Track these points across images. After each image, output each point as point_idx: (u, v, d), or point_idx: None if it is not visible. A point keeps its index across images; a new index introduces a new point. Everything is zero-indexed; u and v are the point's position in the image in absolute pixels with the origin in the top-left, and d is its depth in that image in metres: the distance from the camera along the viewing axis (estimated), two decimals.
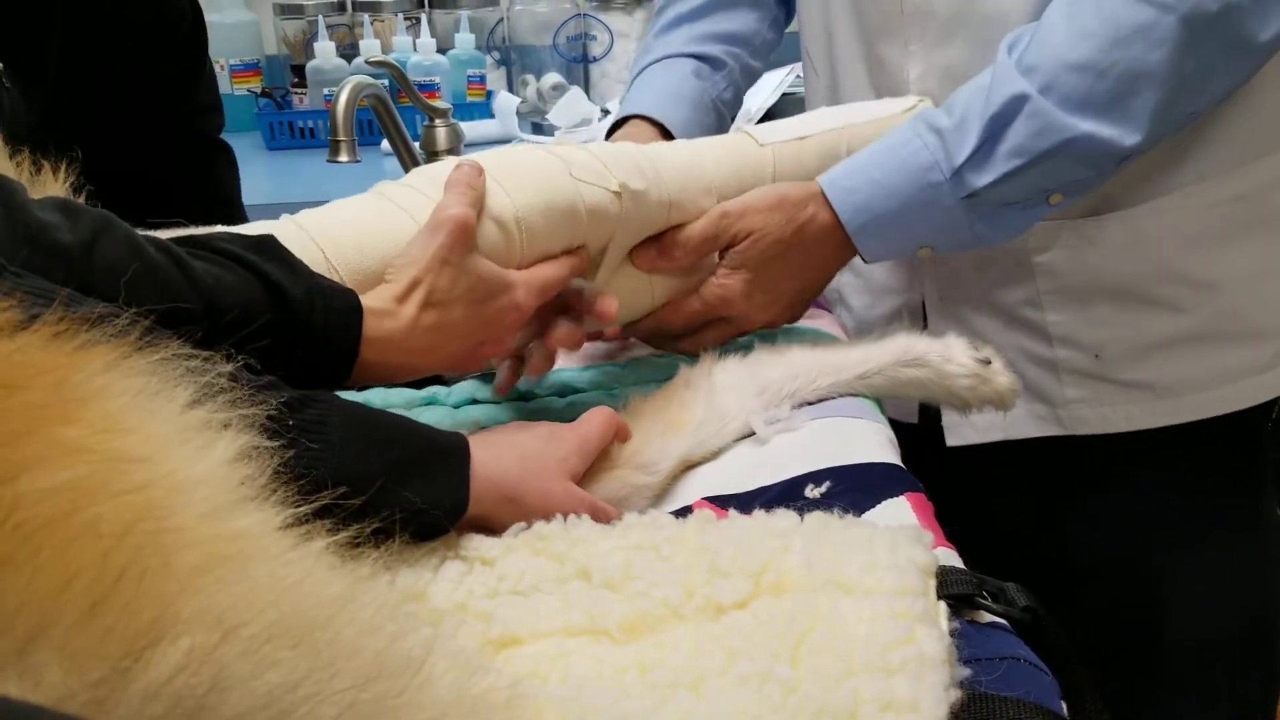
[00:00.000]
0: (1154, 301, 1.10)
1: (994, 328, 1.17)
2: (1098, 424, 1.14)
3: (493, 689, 0.43)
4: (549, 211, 0.90)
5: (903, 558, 0.65)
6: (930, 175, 1.00)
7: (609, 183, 0.94)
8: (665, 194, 0.98)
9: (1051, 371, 1.15)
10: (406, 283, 0.82)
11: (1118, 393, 1.13)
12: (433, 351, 0.84)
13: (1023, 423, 1.17)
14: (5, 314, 0.44)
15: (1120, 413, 1.14)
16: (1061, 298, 1.12)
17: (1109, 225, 1.09)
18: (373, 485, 0.65)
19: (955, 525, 0.85)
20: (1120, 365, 1.12)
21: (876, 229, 1.02)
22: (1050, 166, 0.98)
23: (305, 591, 0.38)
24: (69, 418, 0.41)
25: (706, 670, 0.59)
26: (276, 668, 0.34)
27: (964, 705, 0.58)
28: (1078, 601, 1.24)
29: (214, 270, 0.72)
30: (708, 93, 1.28)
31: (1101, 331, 1.12)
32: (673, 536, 0.71)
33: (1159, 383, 1.12)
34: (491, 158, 0.92)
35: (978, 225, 1.01)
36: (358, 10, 2.47)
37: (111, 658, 0.33)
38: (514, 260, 0.90)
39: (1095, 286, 1.11)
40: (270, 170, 2.12)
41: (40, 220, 0.66)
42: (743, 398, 0.93)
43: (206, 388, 0.50)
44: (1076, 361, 1.13)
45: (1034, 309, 1.14)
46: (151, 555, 0.36)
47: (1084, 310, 1.12)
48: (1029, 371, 1.15)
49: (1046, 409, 1.16)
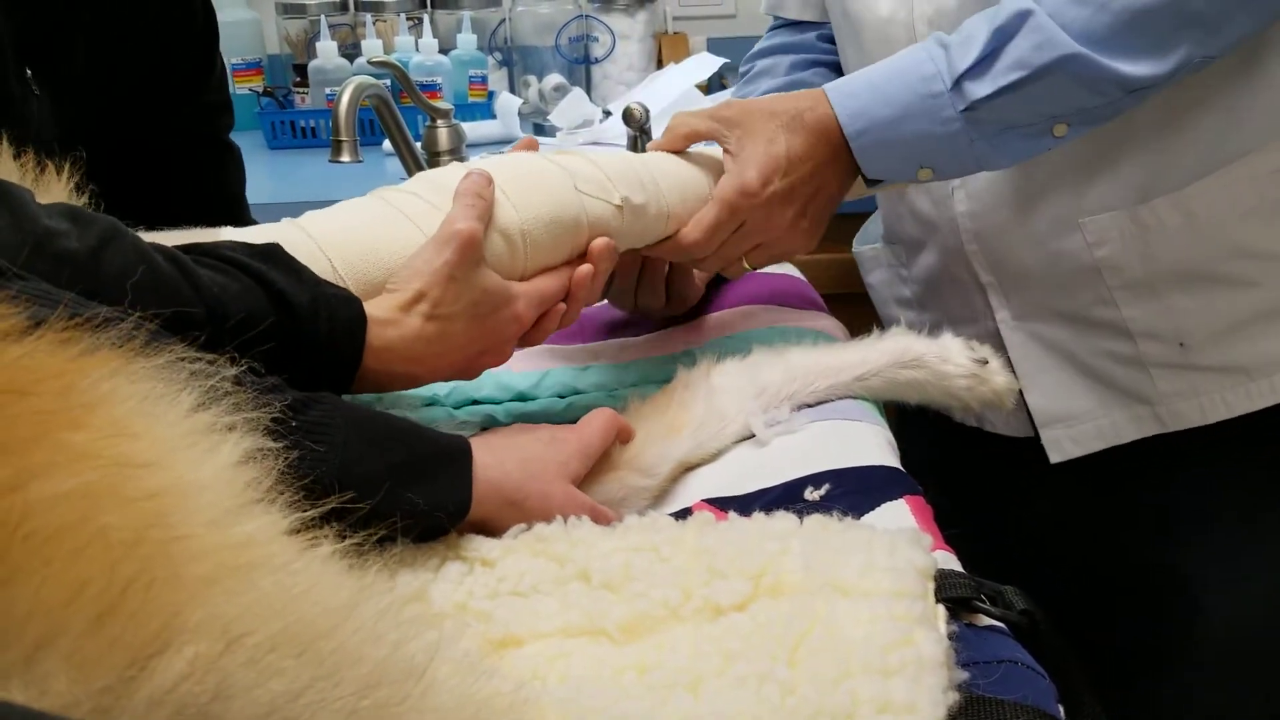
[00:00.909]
0: (1224, 280, 1.09)
1: (1073, 337, 1.16)
2: (1196, 415, 1.13)
3: (496, 694, 0.44)
4: (553, 225, 0.91)
5: (901, 560, 0.66)
6: (932, 85, 0.99)
7: (612, 196, 0.94)
8: (664, 207, 0.98)
9: (1140, 369, 1.13)
10: (411, 294, 0.82)
11: (1211, 380, 1.12)
12: (433, 361, 0.84)
13: (1123, 426, 1.16)
14: (11, 319, 0.45)
15: (1217, 400, 1.12)
16: (1132, 291, 1.11)
17: (1160, 209, 1.09)
18: (376, 486, 0.66)
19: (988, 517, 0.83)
20: (1206, 350, 1.11)
21: (875, 136, 1.01)
22: (1051, 85, 0.96)
23: (310, 600, 0.39)
24: (76, 423, 0.41)
25: (705, 671, 0.59)
26: (279, 676, 0.35)
27: (961, 708, 0.58)
28: (1119, 607, 1.24)
29: (219, 278, 0.72)
30: None
31: (1180, 319, 1.11)
32: (672, 538, 0.72)
33: (1249, 363, 1.11)
34: (499, 167, 0.92)
35: (978, 144, 1.00)
36: (360, 10, 2.47)
37: (117, 666, 0.33)
38: (517, 271, 0.90)
39: (1162, 273, 1.10)
40: (272, 170, 2.12)
41: (48, 227, 0.66)
42: (741, 400, 0.94)
43: (211, 391, 0.51)
44: (1163, 354, 1.12)
45: (1108, 307, 1.13)
46: (160, 565, 0.36)
47: (1157, 299, 1.11)
48: (1118, 374, 1.14)
49: (1145, 409, 1.14)
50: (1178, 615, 1.19)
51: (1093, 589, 1.24)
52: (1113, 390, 1.15)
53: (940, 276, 1.24)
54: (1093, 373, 1.16)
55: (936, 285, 1.26)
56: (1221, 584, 1.17)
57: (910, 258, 1.29)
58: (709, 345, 1.09)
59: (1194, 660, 1.19)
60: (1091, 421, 1.16)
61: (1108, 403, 1.16)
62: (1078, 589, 1.25)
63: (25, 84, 0.98)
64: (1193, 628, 1.19)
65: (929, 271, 1.26)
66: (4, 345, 0.43)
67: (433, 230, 0.85)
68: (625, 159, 0.99)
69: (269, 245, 0.79)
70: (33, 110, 0.98)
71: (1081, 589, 1.25)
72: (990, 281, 1.18)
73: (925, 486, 0.87)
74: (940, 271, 1.24)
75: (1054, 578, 1.26)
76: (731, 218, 1.01)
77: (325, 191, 1.84)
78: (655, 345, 1.15)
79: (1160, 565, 1.20)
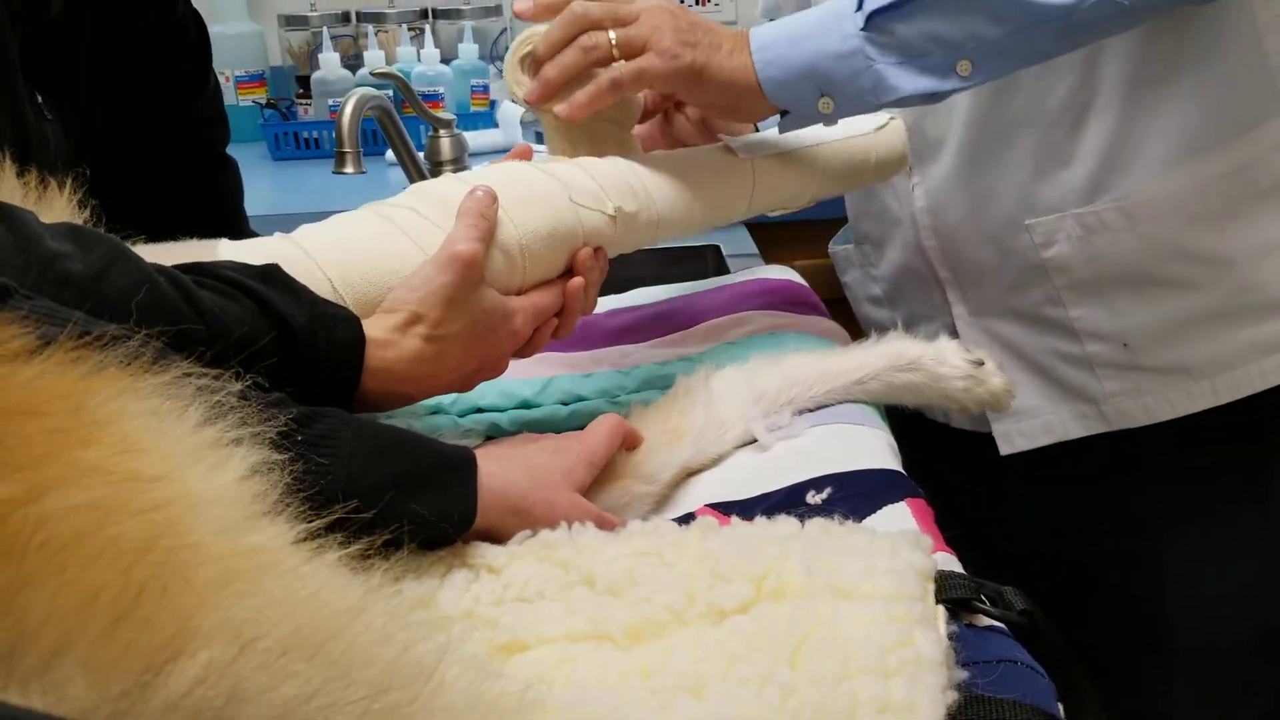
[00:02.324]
0: (1168, 282, 1.11)
1: (1024, 335, 1.18)
2: (1141, 415, 1.15)
3: (505, 694, 0.45)
4: (550, 238, 0.91)
5: (902, 563, 0.66)
6: (838, 6, 0.99)
7: (605, 207, 0.95)
8: (654, 214, 0.99)
9: (1087, 369, 1.16)
10: (408, 315, 0.82)
11: (1154, 380, 1.14)
12: (428, 382, 0.84)
13: (1068, 424, 1.18)
14: (21, 340, 0.46)
15: (1160, 400, 1.14)
16: (1077, 291, 1.13)
17: (1105, 211, 1.11)
18: (382, 498, 0.66)
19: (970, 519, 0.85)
20: (1149, 351, 1.13)
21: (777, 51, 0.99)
22: (955, 7, 0.95)
23: (320, 603, 0.40)
24: (87, 441, 0.42)
25: (708, 674, 0.60)
26: (292, 679, 0.36)
27: (961, 707, 0.59)
28: (1092, 603, 1.25)
29: (220, 300, 0.73)
30: None
31: (1124, 320, 1.13)
32: (675, 543, 0.73)
33: (1191, 365, 1.12)
34: (498, 183, 0.91)
35: (878, 65, 0.97)
36: (362, 21, 2.48)
37: (133, 672, 0.34)
38: (515, 285, 0.90)
39: (1107, 275, 1.12)
40: (275, 181, 2.13)
41: (52, 249, 0.67)
42: (741, 405, 0.95)
43: (217, 406, 0.52)
44: (1108, 354, 1.14)
45: (1056, 307, 1.15)
46: (171, 571, 0.37)
47: (1103, 301, 1.13)
48: (1066, 373, 1.17)
49: (1090, 407, 1.17)
50: (1153, 608, 1.21)
51: (1065, 584, 1.26)
52: (1061, 388, 1.18)
53: (903, 273, 1.27)
54: (1042, 370, 1.18)
55: (900, 283, 1.29)
56: (1193, 577, 1.18)
57: (877, 256, 1.32)
58: (709, 352, 1.10)
59: (1171, 651, 1.21)
60: (1040, 418, 1.19)
61: (1055, 400, 1.19)
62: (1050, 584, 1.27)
63: (39, 109, 0.98)
64: (1168, 619, 1.20)
65: (894, 269, 1.29)
66: (15, 367, 0.44)
67: (432, 248, 0.85)
68: (617, 166, 1.00)
69: (268, 266, 0.79)
70: (48, 136, 0.99)
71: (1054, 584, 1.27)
72: (948, 278, 1.21)
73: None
74: (903, 268, 1.26)
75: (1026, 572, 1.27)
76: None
77: (329, 202, 1.85)
78: (657, 352, 1.16)
79: (1133, 559, 1.22)
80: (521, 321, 0.89)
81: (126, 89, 1.11)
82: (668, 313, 1.26)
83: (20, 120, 0.95)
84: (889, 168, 1.14)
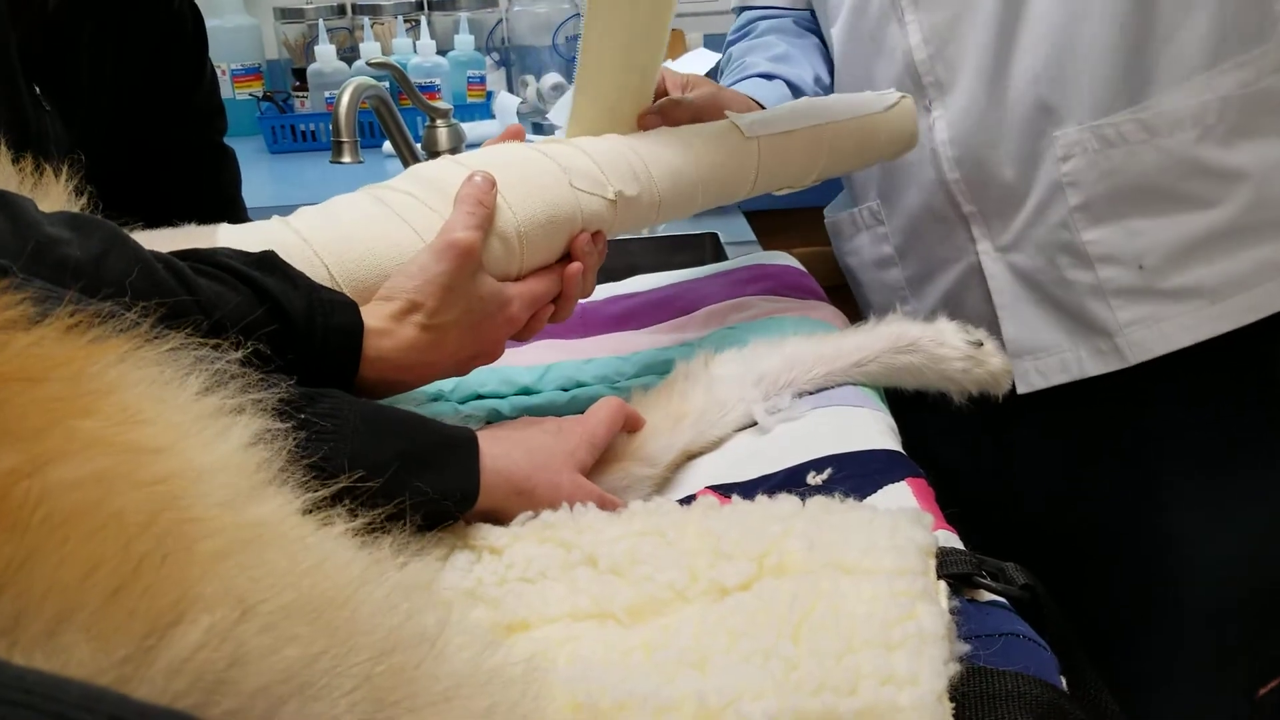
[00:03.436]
0: (1183, 198, 1.11)
1: (1043, 267, 1.18)
2: (1158, 343, 1.14)
3: (507, 663, 0.45)
4: (549, 224, 0.90)
5: (903, 539, 0.66)
6: None
7: (606, 191, 0.94)
8: (655, 195, 0.98)
9: (1099, 298, 1.15)
10: (405, 303, 0.81)
11: (1170, 305, 1.13)
12: (424, 369, 0.84)
13: (1085, 361, 1.18)
14: (19, 308, 0.45)
15: (1176, 326, 1.14)
16: (1091, 211, 1.13)
17: (1124, 123, 1.10)
18: (384, 475, 0.66)
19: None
20: (1165, 273, 1.12)
21: None
22: None
23: (322, 574, 0.40)
24: (87, 410, 0.42)
25: (711, 649, 0.60)
26: (294, 643, 0.36)
27: (963, 679, 0.59)
28: (1097, 566, 1.26)
29: (217, 287, 0.72)
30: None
31: (1139, 240, 1.12)
32: (677, 522, 0.73)
33: (1207, 286, 1.12)
34: (496, 167, 0.90)
35: None
36: (358, 13, 2.48)
37: (135, 636, 0.34)
38: (513, 270, 0.90)
39: (1123, 191, 1.12)
40: (273, 173, 2.13)
41: (49, 235, 0.67)
42: (741, 388, 0.95)
43: (218, 375, 0.52)
44: (1121, 279, 1.14)
45: (1068, 231, 1.15)
46: (173, 542, 0.37)
47: (1117, 220, 1.13)
48: (1083, 304, 1.16)
49: (1106, 341, 1.16)
50: (1164, 565, 1.21)
51: (1076, 546, 1.26)
52: (1078, 322, 1.18)
53: (922, 218, 1.26)
54: (1060, 305, 1.19)
55: (918, 229, 1.28)
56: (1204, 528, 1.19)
57: (887, 210, 1.31)
58: (708, 337, 1.10)
59: (1182, 608, 1.21)
60: (1057, 354, 1.19)
61: (1074, 335, 1.19)
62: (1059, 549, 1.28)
63: (37, 102, 0.98)
64: (1179, 575, 1.20)
65: (909, 217, 1.28)
66: (13, 334, 0.44)
67: (430, 234, 0.84)
68: (617, 148, 0.99)
69: (265, 253, 0.78)
70: (46, 127, 0.98)
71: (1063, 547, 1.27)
72: (972, 211, 1.20)
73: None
74: (922, 212, 1.26)
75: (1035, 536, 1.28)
76: None
77: (327, 193, 1.83)
78: (656, 337, 1.16)
79: (1142, 516, 1.22)
80: (518, 308, 0.89)
81: (125, 81, 1.11)
82: (667, 299, 1.26)
83: (19, 112, 0.95)
84: (898, 145, 1.13)
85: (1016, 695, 0.59)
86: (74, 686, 0.29)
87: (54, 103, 1.01)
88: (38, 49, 1.00)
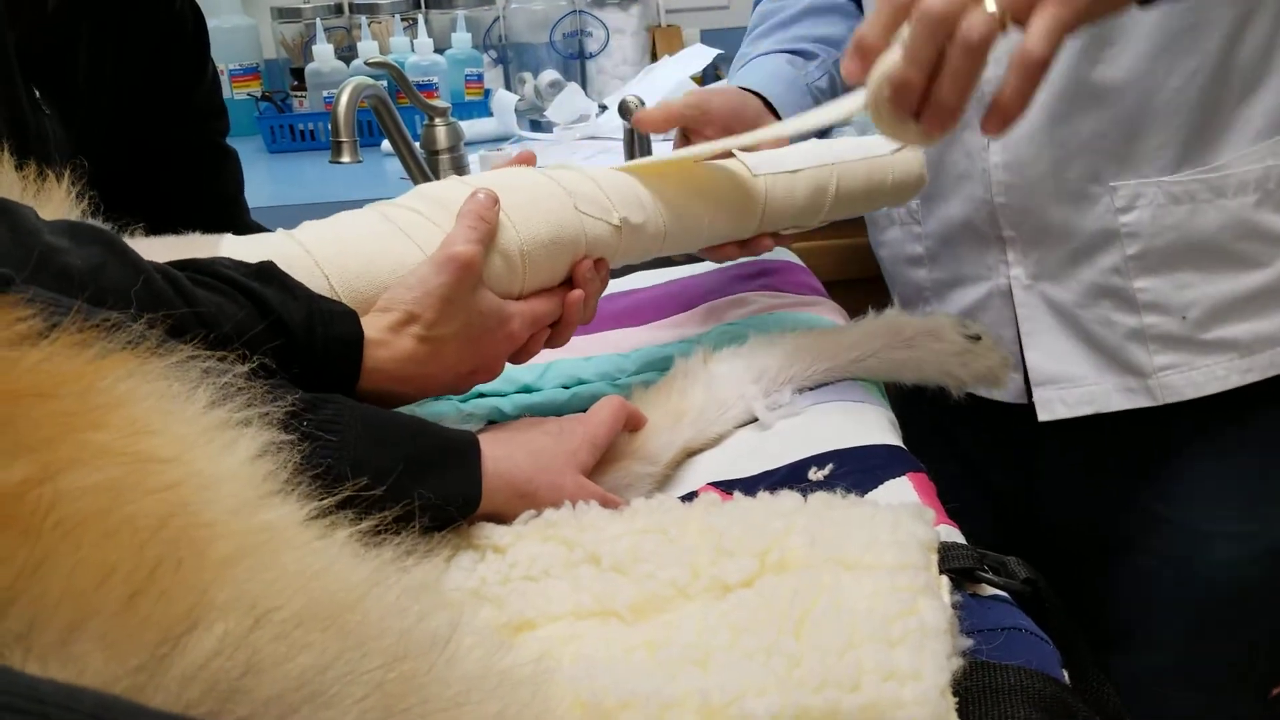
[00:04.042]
0: (1234, 257, 1.13)
1: (1080, 302, 1.18)
2: (1187, 389, 1.16)
3: (517, 665, 0.45)
4: (552, 245, 0.90)
5: (904, 534, 0.67)
6: None
7: (611, 217, 0.93)
8: (661, 225, 0.97)
9: (1139, 341, 1.16)
10: (403, 314, 0.81)
11: (1205, 354, 1.15)
12: (422, 382, 0.83)
13: (1112, 396, 1.19)
14: (29, 323, 0.46)
15: (1206, 374, 1.15)
16: (1145, 262, 1.14)
17: (1192, 182, 1.11)
18: (387, 481, 0.66)
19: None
20: (1205, 325, 1.14)
21: None
22: None
23: (332, 577, 0.40)
24: (97, 423, 0.43)
25: (714, 646, 0.60)
26: (308, 650, 0.36)
27: (966, 673, 0.60)
28: (1109, 563, 1.26)
29: (215, 298, 0.72)
30: (801, 78, 1.29)
31: (1187, 293, 1.14)
32: (679, 519, 0.73)
33: (1242, 340, 1.14)
34: (502, 189, 0.90)
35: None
36: (355, 12, 2.48)
37: (149, 644, 0.35)
38: (515, 290, 0.89)
39: (1178, 247, 1.13)
40: (272, 173, 2.13)
41: (50, 244, 0.67)
42: (740, 384, 0.95)
43: (225, 388, 0.52)
44: (1164, 326, 1.15)
45: (1120, 277, 1.15)
46: (185, 548, 0.37)
47: (1169, 273, 1.14)
48: (1118, 345, 1.17)
49: (1137, 381, 1.18)
50: (1179, 563, 1.22)
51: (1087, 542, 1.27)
52: (1109, 359, 1.18)
53: (960, 231, 1.25)
54: (1093, 340, 1.18)
55: (953, 241, 1.27)
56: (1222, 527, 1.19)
57: (925, 213, 1.30)
58: (708, 333, 1.11)
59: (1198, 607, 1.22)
60: (1084, 386, 1.20)
61: (1101, 370, 1.19)
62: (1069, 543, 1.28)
63: (35, 104, 0.98)
64: (1195, 573, 1.21)
65: (947, 226, 1.27)
66: (23, 350, 0.45)
67: (432, 249, 0.84)
68: (624, 178, 0.98)
69: (264, 263, 0.78)
70: (46, 130, 0.99)
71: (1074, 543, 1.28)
72: (1011, 236, 1.20)
73: (927, 456, 0.89)
74: (961, 226, 1.24)
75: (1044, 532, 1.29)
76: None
77: (326, 193, 1.85)
78: (656, 334, 1.16)
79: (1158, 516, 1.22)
80: (518, 325, 0.88)
81: (124, 81, 1.12)
82: (667, 295, 1.26)
83: (18, 115, 0.95)
84: (906, 191, 1.11)
85: (1019, 689, 0.59)
86: (88, 696, 0.29)
87: (53, 104, 1.02)
88: (37, 50, 1.00)
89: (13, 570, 0.36)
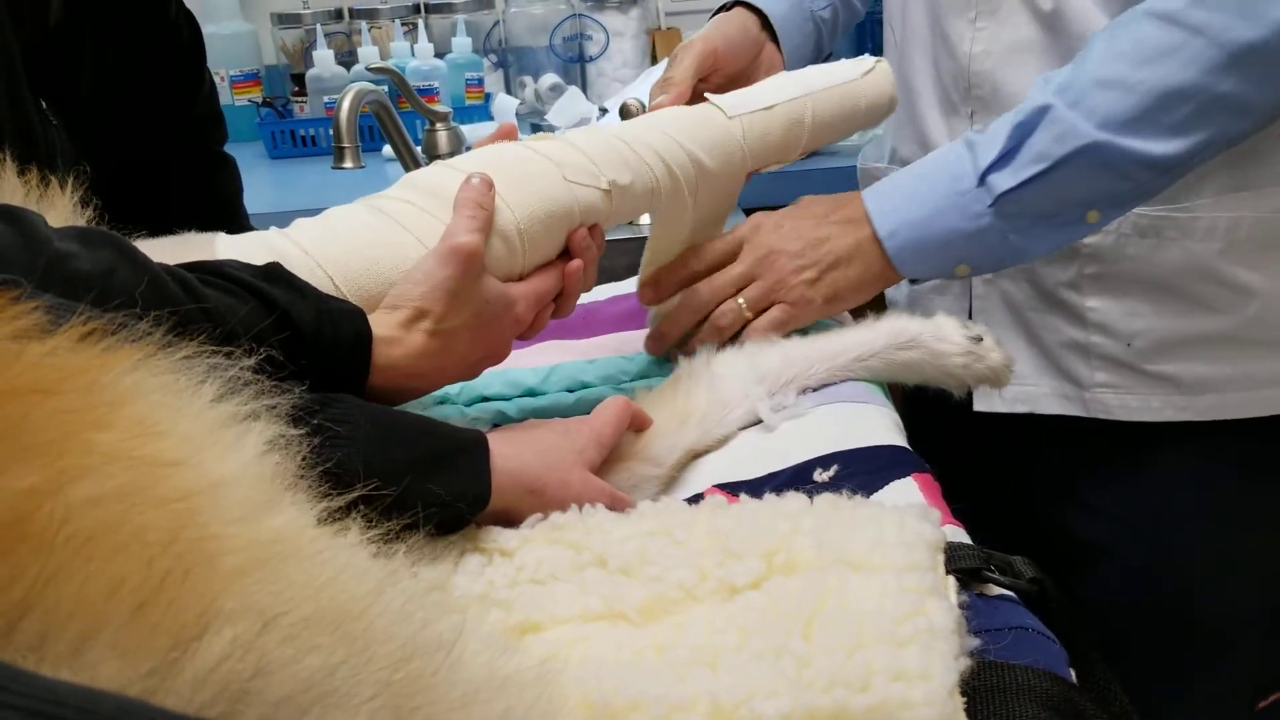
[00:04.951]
0: (1189, 299, 1.12)
1: (1034, 306, 1.19)
2: (1120, 411, 1.16)
3: (522, 668, 0.45)
4: (548, 219, 0.90)
5: (911, 534, 0.67)
6: (960, 183, 1.02)
7: (599, 182, 0.94)
8: (648, 181, 0.98)
9: (1083, 356, 1.16)
10: (412, 311, 0.81)
11: (1144, 383, 1.15)
12: (435, 375, 0.84)
13: (1047, 399, 1.20)
14: (30, 318, 0.46)
15: (1142, 402, 1.15)
16: (1101, 283, 1.14)
17: (1163, 218, 1.11)
18: (397, 480, 0.67)
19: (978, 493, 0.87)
20: (1150, 356, 1.14)
21: (909, 236, 1.04)
22: (1074, 173, 0.99)
23: (340, 586, 0.40)
24: (103, 423, 0.42)
25: (722, 648, 0.60)
26: (315, 652, 0.36)
27: (974, 673, 0.60)
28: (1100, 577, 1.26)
29: (226, 299, 0.73)
30: (806, 4, 1.29)
31: (1136, 322, 1.14)
32: (685, 522, 0.73)
33: (1184, 378, 1.14)
34: (491, 168, 0.90)
35: (1011, 237, 1.02)
36: (355, 18, 2.48)
37: (160, 650, 0.35)
38: (516, 270, 0.90)
39: (1135, 276, 1.13)
40: (273, 179, 2.14)
41: (60, 250, 0.67)
42: (744, 386, 0.95)
43: (231, 382, 0.52)
44: (1108, 348, 1.15)
45: (1074, 291, 1.15)
46: (194, 558, 0.37)
47: (1122, 299, 1.14)
48: (1062, 354, 1.18)
49: (1073, 390, 1.18)
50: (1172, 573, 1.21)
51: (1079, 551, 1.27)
52: (1051, 365, 1.19)
53: None
54: (1039, 344, 1.20)
55: None
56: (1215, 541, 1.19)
57: None
58: None
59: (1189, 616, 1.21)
60: (1022, 385, 1.20)
61: (1041, 373, 1.20)
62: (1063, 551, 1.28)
63: (44, 115, 0.99)
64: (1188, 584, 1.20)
65: None
66: (26, 344, 0.44)
67: (431, 240, 0.85)
68: (604, 138, 0.98)
69: (271, 264, 0.79)
70: (54, 140, 0.99)
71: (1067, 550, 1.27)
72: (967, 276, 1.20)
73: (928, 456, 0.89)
74: None
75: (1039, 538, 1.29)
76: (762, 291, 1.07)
77: (328, 198, 1.83)
78: None
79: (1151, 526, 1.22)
80: (524, 308, 0.89)
81: (124, 90, 1.12)
82: None
83: (26, 126, 0.95)
84: (878, 111, 1.12)
85: (1027, 689, 0.59)
86: (107, 699, 0.29)
87: (59, 116, 1.02)
88: (41, 62, 1.00)
89: (25, 584, 0.36)
